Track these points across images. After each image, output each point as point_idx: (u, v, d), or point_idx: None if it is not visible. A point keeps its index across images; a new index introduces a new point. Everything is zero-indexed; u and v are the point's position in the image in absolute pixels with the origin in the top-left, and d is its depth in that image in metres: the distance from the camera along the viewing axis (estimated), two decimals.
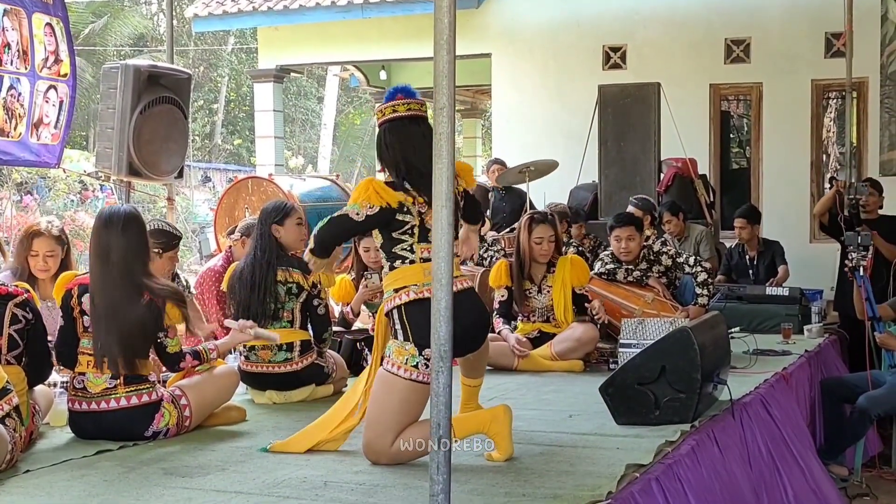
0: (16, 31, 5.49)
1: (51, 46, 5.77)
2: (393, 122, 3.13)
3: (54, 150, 5.94)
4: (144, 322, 3.32)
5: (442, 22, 2.14)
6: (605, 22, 9.16)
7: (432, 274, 2.21)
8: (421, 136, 3.08)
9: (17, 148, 5.65)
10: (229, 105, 24.50)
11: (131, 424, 3.32)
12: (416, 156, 3.06)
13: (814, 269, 7.44)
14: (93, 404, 3.32)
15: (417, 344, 2.99)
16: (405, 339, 3.02)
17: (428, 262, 3.01)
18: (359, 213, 3.03)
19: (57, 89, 5.86)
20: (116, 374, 3.31)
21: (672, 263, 5.57)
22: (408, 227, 3.06)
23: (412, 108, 3.14)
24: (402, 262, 3.07)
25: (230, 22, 11.10)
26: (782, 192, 8.70)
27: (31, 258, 4.20)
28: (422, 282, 3.02)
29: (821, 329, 6.07)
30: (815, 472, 4.18)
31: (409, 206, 3.05)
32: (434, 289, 2.20)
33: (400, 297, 3.04)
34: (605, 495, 2.58)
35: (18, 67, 5.53)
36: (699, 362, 3.42)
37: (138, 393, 3.33)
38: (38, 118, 5.75)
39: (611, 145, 7.40)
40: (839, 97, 8.87)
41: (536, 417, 3.65)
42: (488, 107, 13.55)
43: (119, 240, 3.33)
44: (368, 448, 3.02)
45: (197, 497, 2.67)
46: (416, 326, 3.00)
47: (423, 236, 3.06)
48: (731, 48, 8.83)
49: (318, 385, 4.17)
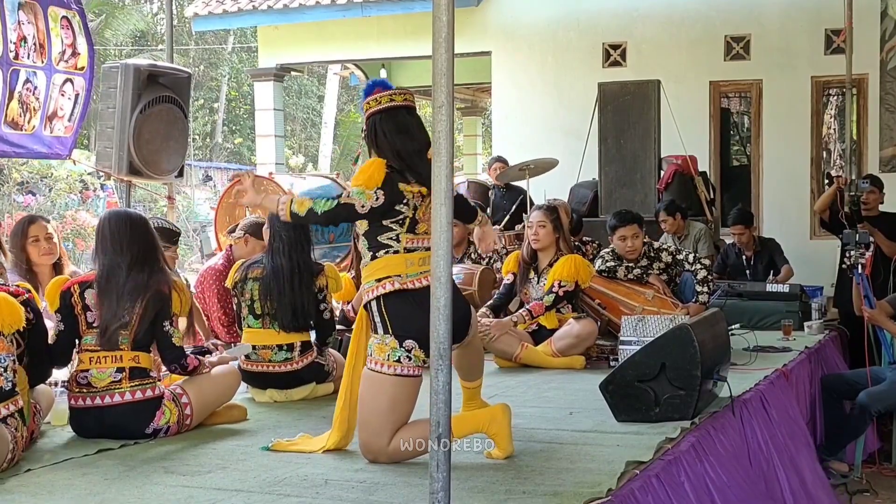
0: (32, 24, 5.48)
1: (67, 39, 5.76)
2: (388, 111, 3.10)
3: (66, 142, 5.94)
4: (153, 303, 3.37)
5: (440, 20, 2.15)
6: (605, 19, 9.16)
7: (431, 272, 2.22)
8: (416, 125, 3.10)
9: (30, 141, 5.65)
10: (230, 104, 24.50)
11: (134, 420, 3.33)
12: (412, 143, 3.07)
13: (814, 266, 7.44)
14: (97, 399, 3.33)
15: (397, 336, 2.96)
16: (385, 331, 2.98)
17: (411, 252, 3.02)
18: (364, 206, 2.96)
19: (73, 82, 5.85)
20: (126, 346, 3.32)
21: (672, 260, 5.58)
22: (401, 217, 3.01)
23: (407, 98, 3.15)
24: (386, 251, 3.02)
25: (230, 21, 11.09)
26: (782, 188, 8.70)
27: (31, 246, 4.19)
28: (405, 272, 2.99)
29: (821, 326, 6.08)
30: (808, 471, 4.18)
31: (409, 198, 3.01)
32: (433, 287, 2.20)
33: (383, 286, 2.99)
34: (605, 492, 2.59)
35: (35, 61, 5.53)
36: (699, 359, 3.42)
37: (142, 388, 3.36)
38: (53, 111, 5.75)
39: (611, 143, 7.40)
40: (839, 94, 8.87)
41: (537, 415, 3.65)
42: (488, 105, 13.55)
43: (132, 233, 3.44)
44: (365, 448, 3.01)
45: (198, 495, 2.67)
46: (395, 318, 2.97)
47: (411, 227, 3.03)
48: (730, 45, 8.83)
49: (319, 384, 4.18)
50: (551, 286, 4.98)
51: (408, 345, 2.98)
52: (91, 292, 3.38)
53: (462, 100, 14.28)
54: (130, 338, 3.36)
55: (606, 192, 7.41)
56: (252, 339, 4.14)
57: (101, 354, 3.35)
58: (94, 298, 3.37)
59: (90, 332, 3.37)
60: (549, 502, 2.52)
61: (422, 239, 3.05)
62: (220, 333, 5.27)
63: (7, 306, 3.02)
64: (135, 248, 3.42)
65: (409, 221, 3.02)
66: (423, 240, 3.04)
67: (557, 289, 4.96)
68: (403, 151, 3.05)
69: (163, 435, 3.39)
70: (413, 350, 2.97)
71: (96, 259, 3.46)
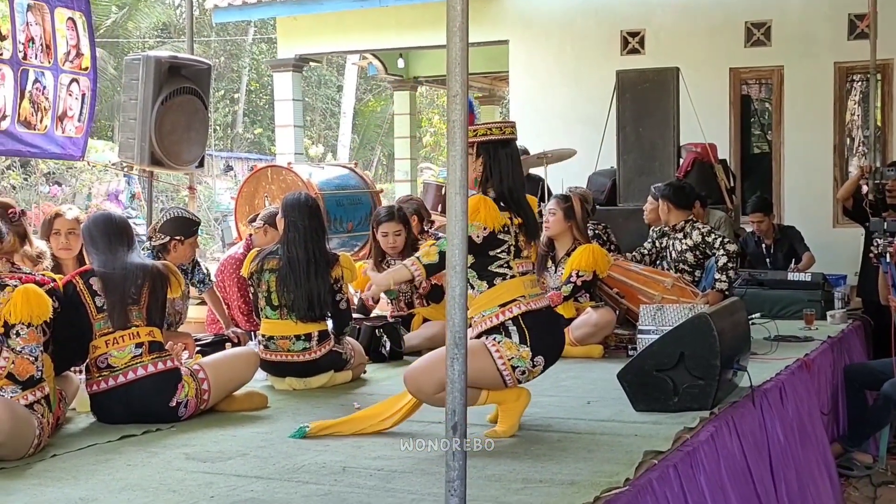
0: (39, 25, 5.56)
1: (72, 40, 5.84)
2: (507, 143, 3.28)
3: (79, 142, 6.01)
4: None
5: (455, 9, 2.14)
6: (623, 7, 9.09)
7: (448, 261, 2.22)
8: (516, 159, 3.30)
9: (43, 141, 5.73)
10: (250, 94, 24.58)
11: (157, 394, 3.40)
12: (511, 177, 3.25)
13: (837, 254, 7.37)
14: (119, 377, 3.39)
15: (533, 348, 3.14)
16: (521, 341, 3.14)
17: (525, 275, 3.24)
18: (478, 237, 3.14)
19: (79, 82, 5.92)
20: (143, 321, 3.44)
21: (701, 240, 5.54)
22: (506, 245, 3.20)
23: (506, 131, 3.30)
24: (501, 278, 3.20)
25: (249, 12, 11.14)
26: (804, 176, 8.60)
27: (53, 237, 4.27)
28: (528, 293, 3.21)
29: (844, 315, 6.02)
30: (812, 465, 4.15)
31: (509, 226, 3.20)
32: (448, 276, 2.20)
33: (510, 309, 3.16)
34: (622, 482, 2.58)
35: (42, 61, 5.60)
36: (718, 349, 3.41)
37: (162, 359, 3.45)
38: (63, 111, 5.82)
39: (629, 131, 7.35)
40: (863, 80, 8.76)
41: (555, 404, 3.65)
42: (506, 94, 13.50)
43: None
44: (412, 382, 3.12)
45: (218, 482, 2.70)
46: (535, 334, 3.15)
47: (517, 253, 3.24)
48: (751, 31, 8.74)
49: (337, 372, 4.20)
50: (569, 276, 4.97)
51: (538, 360, 3.17)
52: (95, 279, 3.45)
53: (479, 89, 14.25)
54: (144, 314, 3.45)
55: (625, 181, 7.37)
56: (270, 329, 4.17)
57: (118, 335, 3.41)
58: (99, 282, 3.44)
59: (101, 317, 3.43)
60: (566, 492, 2.53)
61: (526, 263, 3.28)
62: (240, 322, 5.31)
63: (35, 297, 3.07)
64: (124, 241, 3.56)
65: (514, 249, 3.22)
66: (527, 263, 3.29)
67: (575, 278, 4.95)
68: (513, 183, 3.25)
69: (183, 409, 3.44)
70: (537, 367, 3.18)
71: (92, 260, 3.58)
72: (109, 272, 3.45)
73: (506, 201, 3.22)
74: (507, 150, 3.28)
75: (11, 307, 3.01)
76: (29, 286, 3.08)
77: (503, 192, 3.23)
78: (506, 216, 3.20)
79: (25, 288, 3.06)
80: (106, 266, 3.48)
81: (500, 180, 3.24)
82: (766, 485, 3.44)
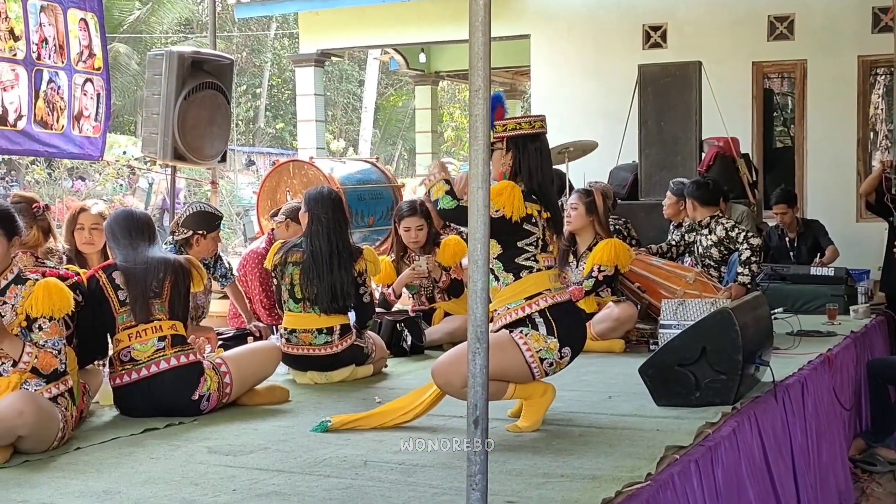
0: (52, 26, 5.62)
1: (84, 41, 5.90)
2: (538, 137, 3.31)
3: (97, 142, 6.07)
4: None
5: (477, 3, 2.14)
6: (645, 1, 9.03)
7: (468, 255, 2.22)
8: (546, 153, 3.32)
9: (61, 141, 5.79)
10: (272, 89, 24.68)
11: (180, 388, 3.42)
12: (540, 171, 3.27)
13: (860, 249, 7.30)
14: (143, 371, 3.42)
15: (560, 340, 3.15)
16: (549, 333, 3.15)
17: (550, 269, 3.26)
18: (497, 212, 3.14)
19: (93, 82, 5.99)
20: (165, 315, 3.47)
21: (725, 235, 5.52)
22: (533, 237, 3.21)
23: (535, 125, 3.32)
24: (528, 271, 3.21)
25: (271, 7, 11.19)
26: (827, 170, 8.53)
27: (77, 232, 4.32)
28: (553, 286, 3.23)
29: (867, 310, 5.97)
30: (829, 461, 4.12)
31: (537, 219, 3.21)
32: (470, 270, 2.20)
33: (536, 303, 3.18)
34: (644, 477, 2.58)
35: (56, 62, 5.67)
36: (740, 343, 3.39)
37: (185, 353, 3.48)
38: (79, 111, 5.87)
39: (651, 125, 7.32)
40: (887, 73, 8.66)
41: (576, 398, 3.65)
42: (527, 88, 13.46)
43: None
44: (441, 375, 3.11)
45: (240, 475, 2.72)
46: (562, 325, 3.17)
47: (543, 248, 3.25)
48: (774, 25, 8.66)
49: (359, 366, 4.22)
50: (591, 271, 4.96)
51: (565, 352, 3.18)
52: (117, 273, 3.48)
53: (501, 83, 14.23)
54: (166, 307, 3.48)
55: (647, 175, 7.34)
56: (292, 322, 4.19)
57: (140, 328, 3.44)
58: (121, 276, 3.47)
59: (124, 311, 3.46)
60: (587, 486, 2.52)
61: (550, 258, 3.30)
62: (262, 316, 5.35)
63: (57, 292, 3.10)
64: (146, 236, 3.58)
65: (541, 242, 3.24)
66: (552, 258, 3.31)
67: (597, 273, 4.94)
68: (543, 178, 3.27)
69: (206, 403, 3.46)
70: (564, 359, 3.20)
71: (115, 255, 3.60)
72: (131, 266, 3.49)
73: (536, 195, 3.23)
74: (537, 144, 3.29)
75: (33, 301, 3.05)
76: (50, 280, 3.11)
77: (533, 187, 3.24)
78: (534, 208, 3.20)
79: (46, 282, 3.09)
80: (128, 260, 3.51)
81: (529, 175, 3.25)
82: (784, 480, 3.42)
